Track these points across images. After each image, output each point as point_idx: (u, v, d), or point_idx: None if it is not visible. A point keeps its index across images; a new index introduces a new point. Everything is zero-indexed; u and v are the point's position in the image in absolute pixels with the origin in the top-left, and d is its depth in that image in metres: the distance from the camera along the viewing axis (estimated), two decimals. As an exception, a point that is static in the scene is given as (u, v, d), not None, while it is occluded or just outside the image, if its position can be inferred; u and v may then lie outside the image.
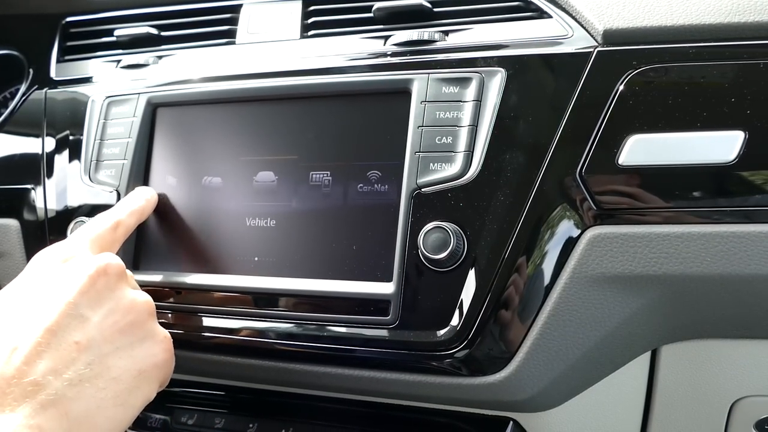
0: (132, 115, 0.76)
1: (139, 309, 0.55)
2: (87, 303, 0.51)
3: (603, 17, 0.62)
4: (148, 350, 0.55)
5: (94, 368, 0.49)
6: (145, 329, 0.55)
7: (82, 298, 0.51)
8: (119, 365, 0.51)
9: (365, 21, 0.74)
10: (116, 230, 0.63)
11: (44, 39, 0.92)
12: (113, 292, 0.54)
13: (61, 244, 0.58)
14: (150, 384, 0.54)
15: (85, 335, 0.50)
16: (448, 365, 0.60)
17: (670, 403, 0.67)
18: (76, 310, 0.50)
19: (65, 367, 0.47)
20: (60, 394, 0.46)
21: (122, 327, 0.53)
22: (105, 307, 0.52)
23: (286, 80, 0.71)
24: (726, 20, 0.59)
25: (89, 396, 0.48)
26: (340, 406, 0.72)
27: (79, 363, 0.48)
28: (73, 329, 0.49)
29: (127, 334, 0.53)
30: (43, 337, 0.48)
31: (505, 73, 0.63)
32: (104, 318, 0.52)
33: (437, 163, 0.62)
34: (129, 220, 0.66)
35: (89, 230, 0.62)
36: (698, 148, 0.56)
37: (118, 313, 0.53)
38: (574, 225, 0.58)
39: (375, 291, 0.61)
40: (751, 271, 0.55)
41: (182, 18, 0.84)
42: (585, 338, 0.59)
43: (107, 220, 0.64)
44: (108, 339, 0.51)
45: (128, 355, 0.53)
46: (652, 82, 0.58)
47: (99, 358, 0.50)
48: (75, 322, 0.50)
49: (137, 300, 0.55)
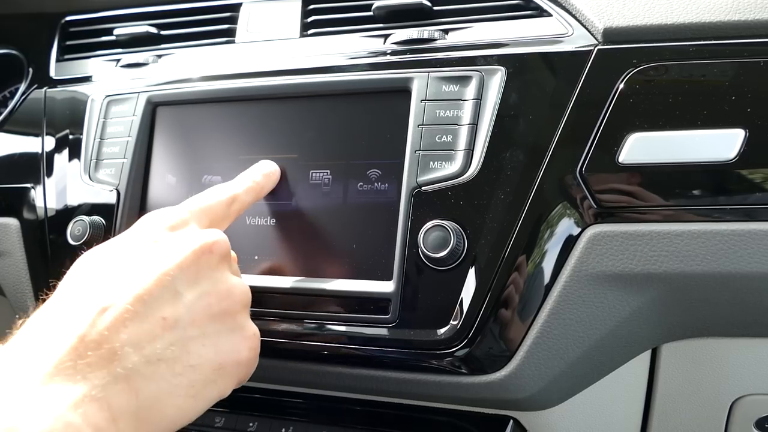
0: (132, 114, 0.76)
1: (236, 297, 0.51)
2: (184, 278, 0.48)
3: (603, 15, 0.62)
4: (233, 344, 0.50)
5: (175, 350, 0.46)
6: (237, 320, 0.51)
7: (181, 272, 0.48)
8: (200, 353, 0.48)
9: (365, 19, 0.74)
10: (231, 206, 0.59)
11: (44, 38, 0.92)
12: (213, 273, 0.50)
13: (172, 209, 0.54)
14: (227, 380, 0.50)
15: (174, 312, 0.46)
16: (449, 364, 0.60)
17: (671, 402, 0.67)
18: (172, 283, 0.47)
19: (147, 342, 0.44)
20: (134, 369, 0.43)
21: (214, 313, 0.49)
22: (201, 287, 0.49)
23: (286, 79, 0.71)
24: (726, 18, 0.59)
25: (163, 378, 0.45)
26: (340, 404, 0.72)
27: (160, 341, 0.45)
28: (164, 303, 0.46)
29: (216, 322, 0.49)
30: (132, 304, 0.44)
31: (505, 71, 0.63)
32: (198, 299, 0.48)
33: (437, 162, 0.61)
34: (246, 197, 0.61)
35: (204, 200, 0.57)
36: (698, 147, 0.56)
37: (213, 296, 0.49)
38: (575, 223, 0.58)
39: (375, 289, 0.61)
40: (751, 270, 0.55)
41: (182, 17, 0.84)
42: (585, 337, 0.59)
43: (223, 193, 0.59)
44: (196, 322, 0.48)
45: (212, 343, 0.49)
46: (652, 81, 0.58)
47: (182, 340, 0.46)
48: (167, 295, 0.47)
49: (235, 287, 0.52)
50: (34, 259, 0.79)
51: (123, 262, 0.48)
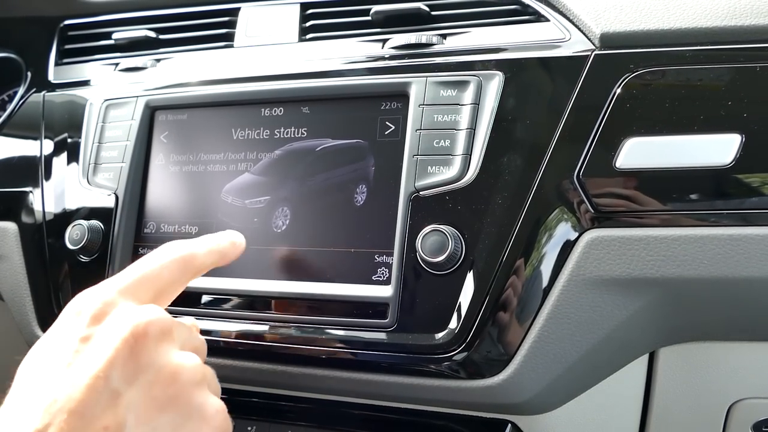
0: (130, 118, 0.76)
1: (185, 378, 0.45)
2: (120, 375, 0.42)
3: (600, 21, 0.62)
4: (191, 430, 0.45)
5: None
6: (191, 404, 0.45)
7: (114, 369, 0.42)
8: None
9: (363, 24, 0.74)
10: (186, 267, 0.52)
11: (42, 42, 0.92)
12: (154, 359, 0.44)
13: (96, 291, 0.48)
14: None
15: (115, 418, 0.41)
16: (447, 368, 0.60)
17: (668, 406, 0.68)
18: (107, 385, 0.42)
19: None
20: None
21: (162, 403, 0.43)
22: (142, 378, 0.43)
23: (284, 83, 0.71)
24: (723, 23, 0.59)
25: None
26: (338, 408, 0.72)
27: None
28: (102, 410, 0.41)
29: (167, 412, 0.43)
30: (67, 421, 0.40)
31: (502, 76, 0.63)
32: (141, 393, 0.43)
33: (435, 167, 0.62)
34: (206, 258, 0.53)
35: (140, 269, 0.50)
36: (695, 151, 0.56)
37: (158, 386, 0.43)
38: (572, 228, 0.58)
39: (373, 294, 0.61)
40: (748, 274, 0.55)
41: (180, 21, 0.84)
42: (583, 341, 0.59)
43: (181, 247, 0.52)
44: (143, 420, 0.42)
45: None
46: (649, 86, 0.59)
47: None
48: (104, 400, 0.41)
49: (182, 367, 0.45)
50: (33, 264, 0.79)
51: (53, 370, 0.43)
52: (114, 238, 0.73)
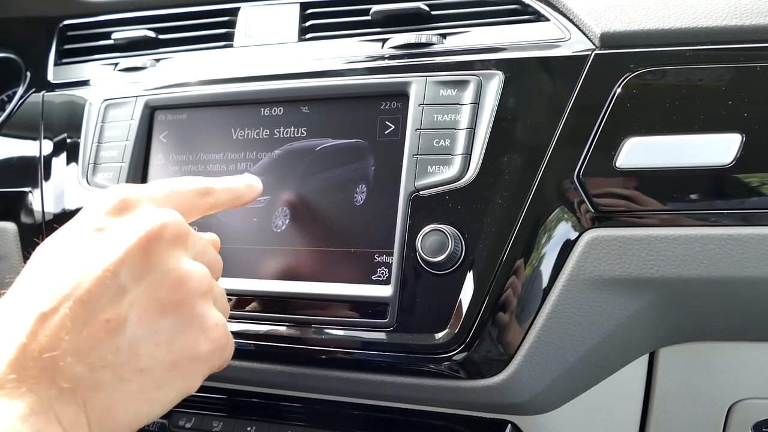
0: (129, 118, 0.76)
1: (191, 285, 0.45)
2: (129, 272, 0.43)
3: (600, 20, 0.62)
4: (190, 339, 0.45)
5: (121, 355, 0.42)
6: (194, 313, 0.46)
7: (124, 265, 0.43)
8: (151, 354, 0.43)
9: (363, 24, 0.74)
10: (203, 197, 0.53)
11: (41, 42, 0.92)
12: (164, 261, 0.44)
13: (128, 186, 0.49)
14: (186, 379, 0.46)
15: (118, 312, 0.42)
16: (446, 368, 0.60)
17: (669, 406, 0.67)
18: (115, 280, 0.42)
19: (89, 349, 0.41)
20: (78, 380, 0.40)
21: (165, 306, 0.44)
22: (149, 279, 0.44)
23: (284, 83, 0.71)
24: (723, 23, 0.59)
25: (110, 386, 0.42)
26: (337, 408, 0.71)
27: (105, 347, 0.41)
28: (107, 303, 0.42)
29: (168, 316, 0.44)
30: (72, 308, 0.41)
31: (502, 76, 0.63)
32: (145, 293, 0.43)
33: (435, 166, 0.62)
34: (222, 195, 0.55)
35: (171, 184, 0.51)
36: (695, 151, 0.56)
37: (163, 288, 0.44)
38: (572, 227, 0.58)
39: (373, 294, 0.61)
40: (748, 274, 0.55)
41: (180, 21, 0.84)
42: (583, 341, 0.59)
43: (198, 182, 0.53)
44: (144, 320, 0.43)
45: (165, 342, 0.44)
46: (649, 85, 0.59)
47: (129, 342, 0.42)
48: (110, 294, 0.42)
49: (191, 273, 0.46)
50: (32, 263, 0.79)
51: (65, 258, 0.44)
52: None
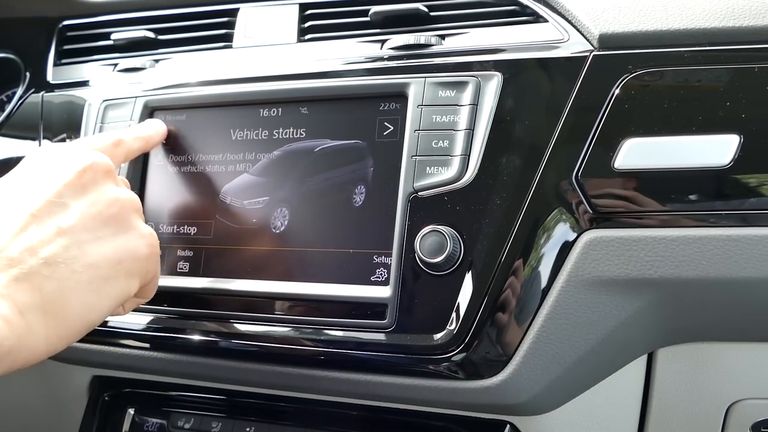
0: (129, 118, 0.76)
1: (124, 203, 0.56)
2: (71, 193, 0.53)
3: (599, 21, 0.62)
4: (129, 242, 0.55)
5: (71, 251, 0.50)
6: (129, 223, 0.56)
7: (67, 188, 0.53)
8: (98, 251, 0.52)
9: (362, 25, 0.74)
10: (117, 147, 0.63)
11: (41, 42, 0.92)
12: (98, 186, 0.55)
13: (57, 145, 0.59)
14: (129, 278, 0.55)
15: (66, 221, 0.51)
16: (445, 369, 0.60)
17: (667, 406, 0.68)
18: (60, 198, 0.52)
19: (42, 247, 0.49)
20: (34, 270, 0.48)
21: (105, 217, 0.54)
22: (89, 198, 0.54)
23: (283, 84, 0.71)
24: (721, 24, 0.59)
25: (64, 276, 0.49)
26: (336, 409, 0.72)
27: (56, 245, 0.50)
28: (55, 215, 0.51)
29: (109, 225, 0.54)
30: (25, 220, 0.50)
31: (501, 77, 0.63)
32: (87, 207, 0.53)
33: (434, 167, 0.62)
34: (133, 143, 0.66)
35: (88, 139, 0.63)
36: (694, 152, 0.56)
37: (101, 204, 0.54)
38: (571, 228, 0.58)
39: (372, 294, 0.61)
40: (747, 275, 0.55)
41: (179, 22, 0.84)
42: (582, 341, 0.59)
43: (109, 135, 0.64)
44: (89, 227, 0.52)
45: (108, 243, 0.53)
46: (647, 86, 0.59)
47: (77, 243, 0.51)
48: (58, 209, 0.52)
49: (122, 194, 0.56)
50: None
51: (17, 188, 0.54)
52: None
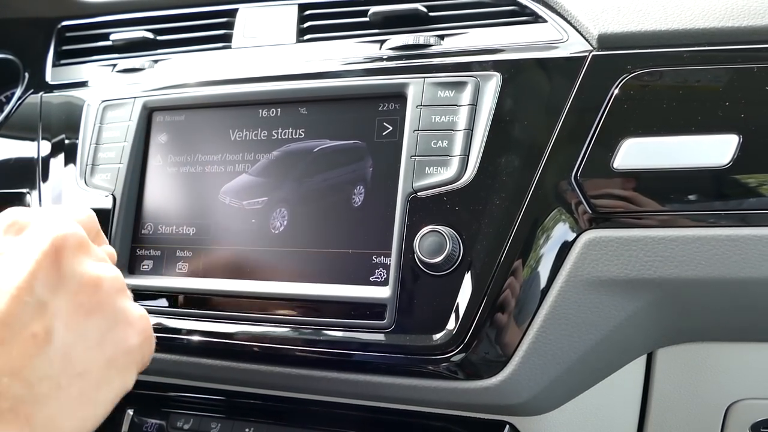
0: (128, 119, 0.76)
1: (108, 286, 0.46)
2: (43, 285, 0.43)
3: (598, 22, 0.62)
4: (119, 335, 0.46)
5: (55, 364, 0.42)
6: (117, 310, 0.47)
7: (38, 279, 0.42)
8: (85, 357, 0.44)
9: (361, 25, 0.74)
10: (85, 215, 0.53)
11: (40, 43, 0.92)
12: (74, 269, 0.45)
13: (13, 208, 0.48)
14: (122, 374, 0.47)
15: (43, 325, 0.42)
16: (444, 369, 0.60)
17: (666, 406, 0.68)
18: (32, 295, 0.42)
19: (22, 366, 0.40)
20: (18, 398, 0.40)
21: (88, 309, 0.45)
22: (66, 287, 0.44)
23: (282, 84, 0.71)
24: (720, 24, 0.59)
25: (50, 397, 0.41)
26: (336, 410, 0.71)
27: (37, 360, 0.41)
28: (29, 319, 0.41)
29: (94, 318, 0.45)
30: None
31: (500, 77, 0.63)
32: (66, 301, 0.43)
33: (433, 167, 0.62)
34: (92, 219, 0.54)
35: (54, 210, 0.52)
36: (693, 152, 0.56)
37: (82, 293, 0.45)
38: (570, 228, 0.58)
39: (371, 295, 0.61)
40: (746, 275, 0.55)
41: (178, 22, 0.84)
42: (581, 341, 0.59)
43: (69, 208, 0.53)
44: (72, 326, 0.43)
45: (95, 343, 0.45)
46: (646, 86, 0.59)
47: (61, 351, 0.42)
48: (30, 309, 0.42)
49: (104, 276, 0.46)
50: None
51: None
52: (111, 239, 0.73)
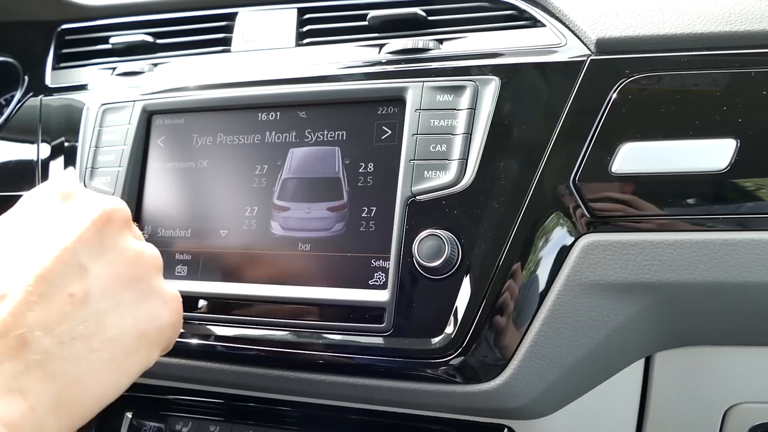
0: (127, 122, 0.76)
1: (146, 262, 0.48)
2: (87, 251, 0.44)
3: (596, 26, 0.63)
4: (152, 309, 0.48)
5: (89, 326, 0.43)
6: (152, 285, 0.48)
7: (82, 244, 0.44)
8: (118, 324, 0.45)
9: (360, 29, 0.74)
10: None
11: (39, 46, 0.92)
12: (117, 241, 0.47)
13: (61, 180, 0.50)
14: (150, 349, 0.48)
15: (81, 287, 0.43)
16: (443, 373, 0.60)
17: (664, 410, 0.68)
18: (75, 257, 0.44)
19: (56, 323, 0.41)
20: (48, 353, 0.40)
21: (125, 280, 0.46)
22: (107, 256, 0.46)
23: (281, 88, 0.71)
24: (718, 29, 0.59)
25: (80, 357, 0.42)
26: (335, 413, 0.71)
27: (72, 319, 0.42)
28: (70, 279, 0.43)
29: (130, 290, 0.46)
30: (34, 285, 0.41)
31: (499, 81, 0.63)
32: (105, 269, 0.45)
33: (432, 171, 0.62)
34: None
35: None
36: (691, 156, 0.56)
37: (122, 264, 0.46)
38: (568, 232, 0.58)
39: (370, 299, 0.61)
40: (743, 279, 0.55)
41: (178, 26, 0.84)
42: (579, 345, 0.59)
43: None
44: (108, 293, 0.45)
45: (129, 313, 0.46)
46: (644, 91, 0.59)
47: (95, 314, 0.44)
48: (72, 270, 0.43)
49: (144, 251, 0.49)
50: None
51: (18, 240, 0.45)
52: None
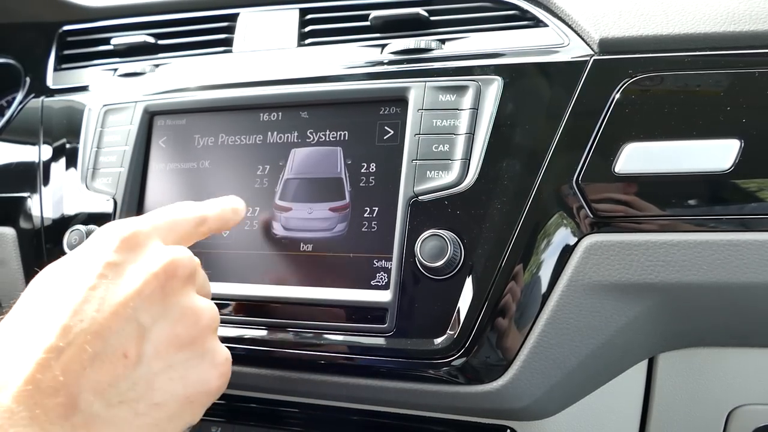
0: (129, 123, 0.76)
1: (204, 323, 0.46)
2: (146, 308, 0.43)
3: (599, 26, 0.62)
4: (202, 374, 0.46)
5: (138, 389, 0.42)
6: (205, 348, 0.47)
7: (142, 301, 0.43)
8: (166, 389, 0.43)
9: (362, 29, 0.74)
10: (199, 226, 0.53)
11: (41, 47, 0.92)
12: (179, 299, 0.45)
13: (132, 222, 0.47)
14: (194, 411, 0.46)
15: (137, 348, 0.42)
16: (445, 373, 0.60)
17: (668, 411, 0.67)
18: (133, 315, 0.42)
19: (107, 384, 0.40)
20: (95, 416, 0.39)
21: (182, 342, 0.45)
22: (167, 316, 0.44)
23: (283, 88, 0.71)
24: (721, 29, 0.59)
25: (125, 421, 0.41)
26: (337, 414, 0.71)
27: (123, 381, 0.41)
28: (126, 338, 0.41)
29: (184, 351, 0.45)
30: (91, 343, 0.40)
31: (501, 81, 0.63)
32: (163, 330, 0.44)
33: (434, 171, 0.62)
34: (214, 223, 0.55)
35: (171, 214, 0.51)
36: (694, 157, 0.56)
37: (180, 325, 0.45)
38: (571, 233, 0.58)
39: (372, 299, 0.61)
40: (747, 280, 0.55)
41: (179, 26, 0.84)
42: (582, 346, 0.59)
43: (194, 211, 0.53)
44: (161, 355, 0.43)
45: (180, 376, 0.44)
46: (648, 91, 0.59)
47: (146, 377, 0.42)
48: (129, 329, 0.42)
49: (203, 311, 0.47)
50: (31, 269, 0.79)
51: (77, 290, 0.42)
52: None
